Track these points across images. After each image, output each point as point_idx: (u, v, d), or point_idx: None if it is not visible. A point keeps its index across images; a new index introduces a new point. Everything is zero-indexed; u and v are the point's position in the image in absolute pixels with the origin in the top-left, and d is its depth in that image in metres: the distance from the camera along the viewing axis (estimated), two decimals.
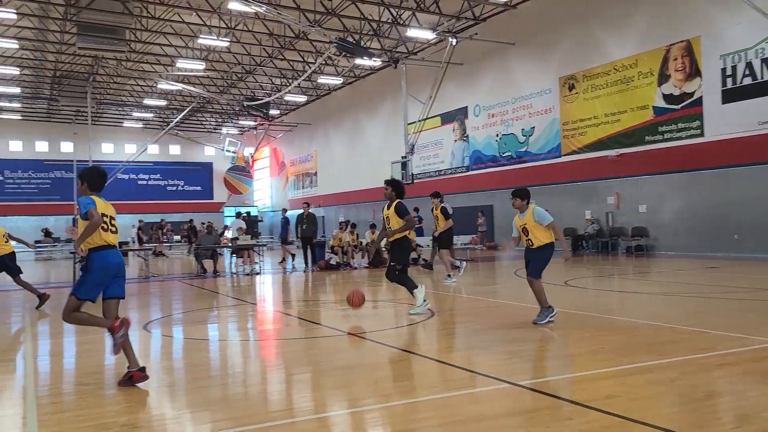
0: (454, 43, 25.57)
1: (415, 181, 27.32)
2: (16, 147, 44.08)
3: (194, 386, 5.54)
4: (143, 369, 5.45)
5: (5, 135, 43.61)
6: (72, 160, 42.02)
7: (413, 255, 17.61)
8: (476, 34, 26.34)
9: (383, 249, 17.77)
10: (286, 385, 5.60)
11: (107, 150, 45.69)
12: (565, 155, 24.41)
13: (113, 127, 46.07)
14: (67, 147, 44.57)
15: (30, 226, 40.70)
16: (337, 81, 35.68)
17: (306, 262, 18.71)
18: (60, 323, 7.45)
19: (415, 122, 27.66)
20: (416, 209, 23.47)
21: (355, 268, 18.30)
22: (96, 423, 4.45)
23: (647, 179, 21.35)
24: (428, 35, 26.61)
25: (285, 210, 25.22)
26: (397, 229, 8.84)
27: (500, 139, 27.58)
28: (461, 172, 29.93)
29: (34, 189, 43.65)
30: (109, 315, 5.54)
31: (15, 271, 11.67)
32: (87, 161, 36.14)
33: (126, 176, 44.92)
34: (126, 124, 45.83)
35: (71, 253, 20.59)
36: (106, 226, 5.46)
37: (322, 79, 35.01)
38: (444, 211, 13.87)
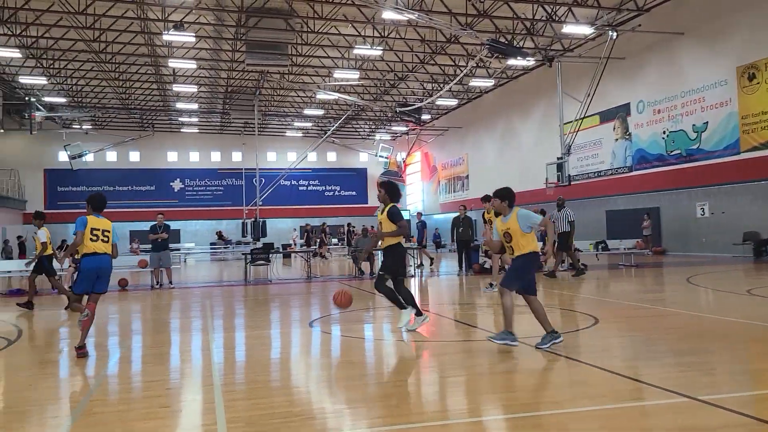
0: (614, 37, 24.21)
1: (572, 182, 26.22)
2: (194, 158, 48.56)
3: (352, 383, 5.69)
4: (83, 347, 7.07)
5: (186, 147, 48.20)
6: (241, 169, 45.49)
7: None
8: (639, 25, 24.75)
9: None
10: (441, 387, 5.56)
11: (271, 158, 48.84)
12: (744, 152, 22.13)
13: (276, 136, 49.17)
14: (236, 156, 48.30)
15: (206, 229, 44.66)
16: (488, 83, 35.27)
17: (461, 266, 18.60)
18: (231, 319, 8.06)
19: (571, 122, 26.55)
20: (542, 211, 22.81)
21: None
22: (274, 411, 4.77)
23: None
24: (586, 30, 25.45)
25: (420, 214, 25.41)
26: (387, 233, 8.03)
27: (667, 136, 25.64)
28: (623, 172, 28.24)
29: (209, 195, 47.81)
30: (87, 302, 7.35)
31: (51, 273, 12.67)
32: (254, 169, 38.94)
33: (288, 182, 47.74)
34: (288, 133, 48.72)
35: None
36: (96, 238, 7.29)
37: (474, 82, 34.80)
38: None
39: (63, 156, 42.50)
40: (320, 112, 42.21)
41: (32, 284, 12.43)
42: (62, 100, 37.36)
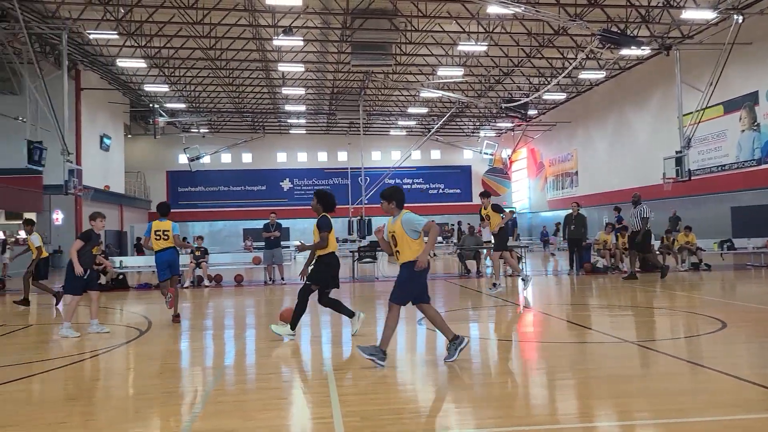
0: (740, 21, 22.48)
1: (692, 177, 24.68)
2: (302, 158, 50.13)
3: (461, 382, 5.65)
4: (178, 315, 9.75)
5: (294, 148, 49.87)
6: (346, 168, 46.42)
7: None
8: None
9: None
10: (552, 389, 5.39)
11: (376, 157, 49.50)
12: None
13: (381, 135, 49.76)
14: (342, 156, 49.37)
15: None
16: (599, 75, 33.88)
17: (571, 265, 18.01)
18: (340, 315, 8.22)
19: (691, 113, 24.95)
20: (617, 209, 21.71)
21: (624, 272, 17.04)
22: (387, 408, 4.86)
23: None
24: (708, 15, 23.83)
25: (512, 212, 24.10)
26: (310, 245, 7.90)
27: None
28: (750, 166, 26.20)
29: None
30: (169, 287, 9.81)
31: (42, 276, 12.90)
32: (359, 168, 39.64)
33: (392, 181, 48.23)
34: (392, 132, 49.18)
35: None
36: (159, 237, 9.67)
37: (584, 75, 33.55)
38: (496, 208, 13.10)
39: (183, 158, 45.23)
40: (424, 110, 42.28)
41: (27, 284, 12.78)
42: (182, 105, 39.77)
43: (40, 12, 24.54)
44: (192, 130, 45.33)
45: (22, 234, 30.05)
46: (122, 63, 28.84)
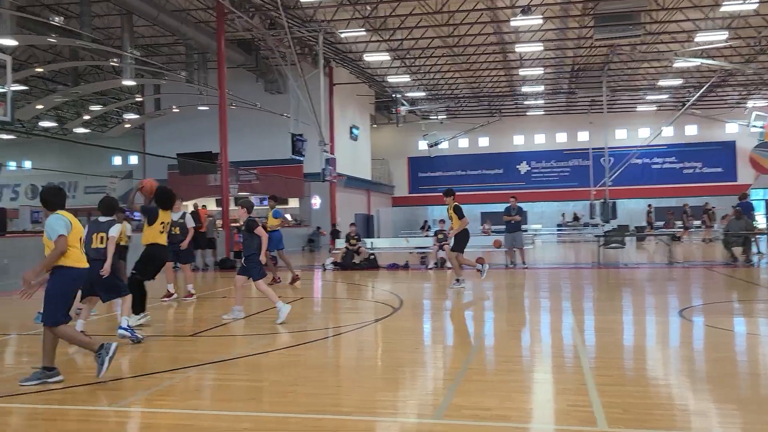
0: None
1: None
2: (540, 140, 48.90)
3: (730, 381, 5.10)
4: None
5: (531, 130, 48.87)
6: (588, 149, 44.24)
7: None
8: None
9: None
10: None
11: (620, 136, 46.35)
12: None
13: (626, 112, 46.43)
14: (583, 136, 47.09)
15: (552, 211, 44.76)
16: None
17: None
18: (590, 302, 7.87)
19: None
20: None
21: None
22: (650, 402, 4.56)
23: None
24: None
25: (745, 195, 19.85)
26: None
27: None
28: None
29: (555, 177, 47.68)
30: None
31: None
32: (602, 149, 37.54)
33: (639, 161, 44.82)
34: (639, 108, 45.61)
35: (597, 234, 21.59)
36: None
37: None
38: (457, 210, 11.87)
39: (422, 145, 47.06)
40: (677, 82, 38.38)
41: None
42: (422, 94, 41.32)
43: (300, 17, 27.25)
44: (431, 117, 46.89)
45: (288, 217, 34.01)
46: (369, 57, 30.88)
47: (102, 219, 7.20)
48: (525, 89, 40.39)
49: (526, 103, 44.69)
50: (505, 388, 4.95)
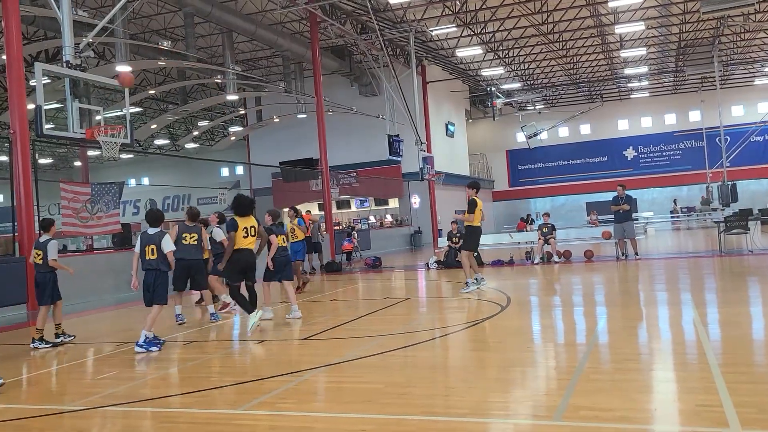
0: None
1: None
2: (646, 123, 46.47)
3: None
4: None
5: (637, 113, 46.53)
6: (700, 129, 41.62)
7: None
8: None
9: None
10: None
11: (737, 113, 43.24)
12: None
13: (742, 87, 43.27)
14: (694, 116, 44.34)
15: (664, 197, 42.45)
16: None
17: None
18: (714, 293, 7.40)
19: None
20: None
21: None
22: None
23: None
24: None
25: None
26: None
27: None
28: None
29: (666, 161, 45.13)
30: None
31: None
32: (717, 128, 35.18)
33: (760, 138, 41.61)
34: (757, 81, 42.34)
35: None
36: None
37: None
38: (470, 204, 11.35)
39: (520, 137, 46.00)
40: None
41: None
42: (517, 85, 40.45)
43: (390, 19, 27.45)
44: (528, 108, 45.80)
45: (389, 218, 34.36)
46: (461, 53, 30.57)
47: (151, 231, 7.63)
48: (627, 71, 38.56)
49: (629, 85, 42.66)
50: (625, 387, 4.75)
